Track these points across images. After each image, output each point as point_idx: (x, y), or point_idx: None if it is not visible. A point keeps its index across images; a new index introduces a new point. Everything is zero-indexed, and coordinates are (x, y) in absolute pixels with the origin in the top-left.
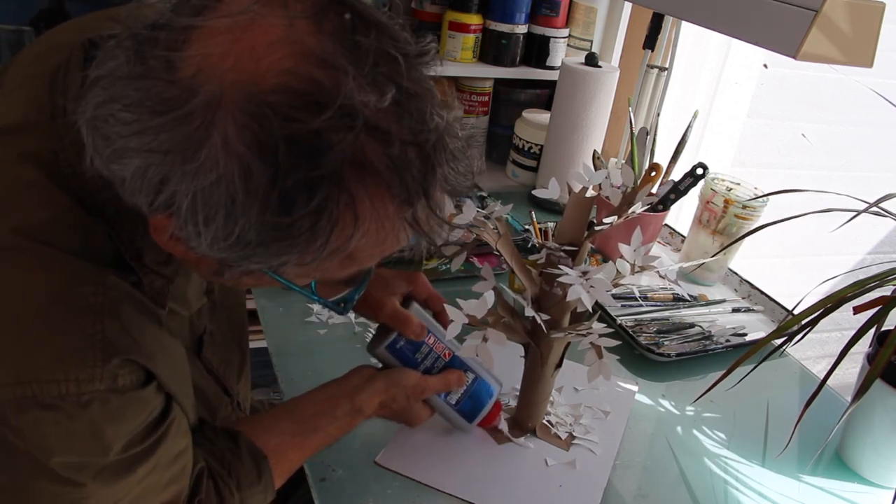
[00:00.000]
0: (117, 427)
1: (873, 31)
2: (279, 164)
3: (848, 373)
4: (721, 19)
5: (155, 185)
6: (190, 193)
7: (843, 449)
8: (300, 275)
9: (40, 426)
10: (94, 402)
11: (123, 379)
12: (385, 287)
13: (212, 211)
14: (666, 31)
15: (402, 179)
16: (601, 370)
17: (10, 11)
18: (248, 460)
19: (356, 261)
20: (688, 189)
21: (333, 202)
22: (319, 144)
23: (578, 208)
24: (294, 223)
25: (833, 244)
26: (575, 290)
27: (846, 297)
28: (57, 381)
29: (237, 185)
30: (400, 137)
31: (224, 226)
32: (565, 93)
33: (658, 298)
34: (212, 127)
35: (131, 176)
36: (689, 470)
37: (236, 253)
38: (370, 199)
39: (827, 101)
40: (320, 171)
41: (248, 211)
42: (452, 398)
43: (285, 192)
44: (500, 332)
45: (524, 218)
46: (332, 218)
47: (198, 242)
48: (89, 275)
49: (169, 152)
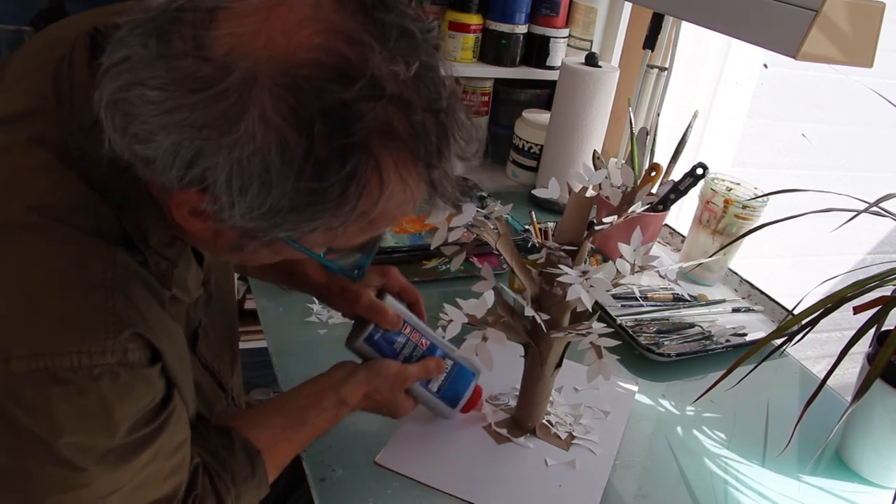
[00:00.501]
0: (125, 405)
1: (873, 31)
2: (314, 135)
3: (848, 373)
4: (721, 19)
5: (187, 161)
6: (227, 166)
7: (843, 449)
8: (320, 243)
9: (52, 402)
10: (104, 375)
11: (133, 354)
12: (361, 280)
13: (247, 182)
14: (666, 31)
15: (423, 144)
16: (601, 370)
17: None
18: (242, 455)
19: (375, 225)
20: (688, 189)
21: (362, 168)
22: (350, 115)
23: (578, 208)
24: (327, 189)
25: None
26: (575, 290)
27: (846, 297)
28: (70, 354)
29: (274, 155)
30: (420, 106)
31: (259, 195)
32: (565, 93)
33: (658, 298)
34: (248, 102)
35: (162, 154)
36: (689, 470)
37: (267, 221)
38: (395, 164)
39: (827, 101)
40: (351, 139)
41: (284, 180)
42: (434, 386)
43: (319, 161)
44: (500, 331)
45: (524, 218)
46: (361, 183)
47: (230, 214)
48: (100, 251)
49: (205, 127)
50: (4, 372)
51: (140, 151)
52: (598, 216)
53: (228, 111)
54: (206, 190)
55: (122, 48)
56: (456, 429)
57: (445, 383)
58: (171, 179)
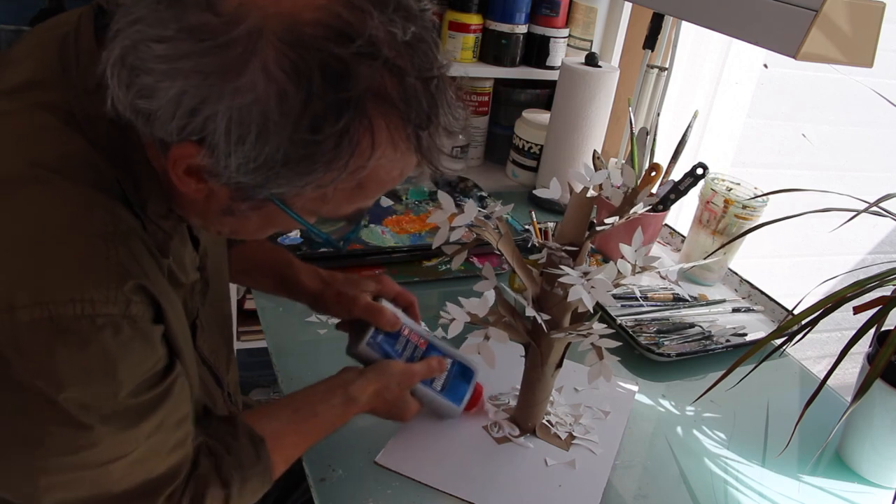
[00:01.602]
0: (128, 362)
1: (873, 31)
2: (312, 89)
3: (848, 373)
4: (721, 19)
5: (190, 110)
6: (227, 115)
7: (843, 449)
8: (309, 208)
9: (54, 352)
10: (107, 326)
11: (136, 307)
12: (356, 286)
13: (245, 131)
14: (666, 31)
15: (414, 109)
16: (602, 371)
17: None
18: (247, 441)
19: (364, 191)
20: (688, 189)
21: (356, 126)
22: (347, 72)
23: (579, 208)
24: (320, 143)
25: (833, 244)
26: (576, 291)
27: (846, 297)
28: (73, 301)
29: (272, 107)
30: (413, 73)
31: (255, 146)
32: (565, 93)
33: (658, 298)
34: (253, 53)
35: (165, 104)
36: (689, 470)
37: (261, 175)
38: (386, 124)
39: (827, 101)
40: (347, 95)
41: (280, 132)
42: (437, 385)
43: (315, 115)
44: (502, 331)
45: (524, 218)
46: (354, 139)
47: (225, 164)
48: (102, 204)
49: (209, 75)
50: (9, 321)
51: (143, 106)
52: (599, 216)
53: (233, 61)
54: (204, 141)
55: (133, 12)
56: (456, 429)
57: (447, 382)
58: (172, 131)
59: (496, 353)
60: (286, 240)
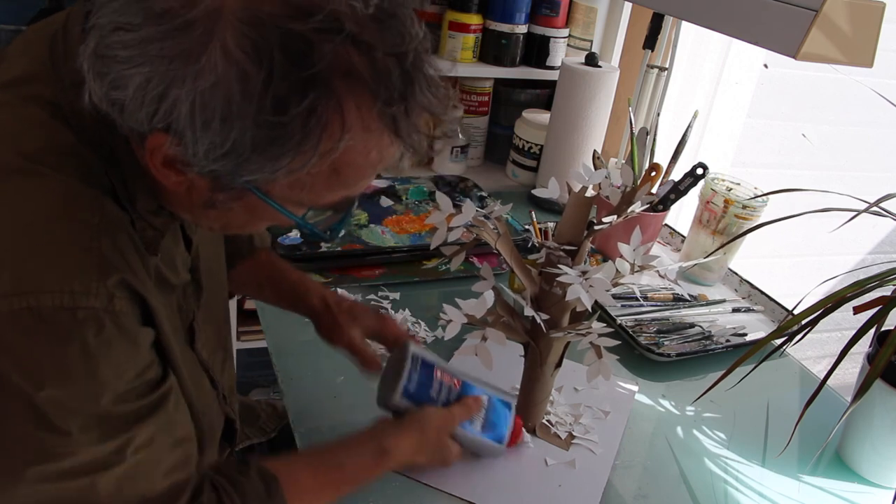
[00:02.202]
0: (110, 363)
1: (873, 31)
2: (273, 69)
3: (848, 373)
4: (721, 19)
5: (157, 97)
6: (189, 99)
7: (843, 449)
8: (288, 196)
9: (35, 345)
10: (88, 321)
11: (119, 302)
12: (352, 319)
13: (209, 115)
14: (666, 31)
15: (384, 85)
16: (601, 370)
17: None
18: (256, 478)
19: (342, 177)
20: (688, 189)
21: (322, 104)
22: (309, 49)
23: (578, 208)
24: (287, 124)
25: (833, 244)
26: (574, 290)
27: (846, 297)
28: (53, 293)
29: (234, 89)
30: (381, 49)
31: (221, 130)
32: (565, 93)
33: (658, 298)
34: (212, 34)
35: (133, 92)
36: (689, 470)
37: (231, 162)
38: (355, 103)
39: (827, 101)
40: (310, 73)
41: (244, 114)
42: (476, 426)
43: (278, 95)
44: (500, 331)
45: (524, 218)
46: (322, 120)
47: (194, 152)
48: (89, 197)
49: (172, 59)
50: None
51: (115, 97)
52: (598, 216)
53: (193, 43)
54: (171, 128)
55: (109, 5)
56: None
57: (487, 420)
58: (142, 120)
59: (495, 352)
60: (286, 239)
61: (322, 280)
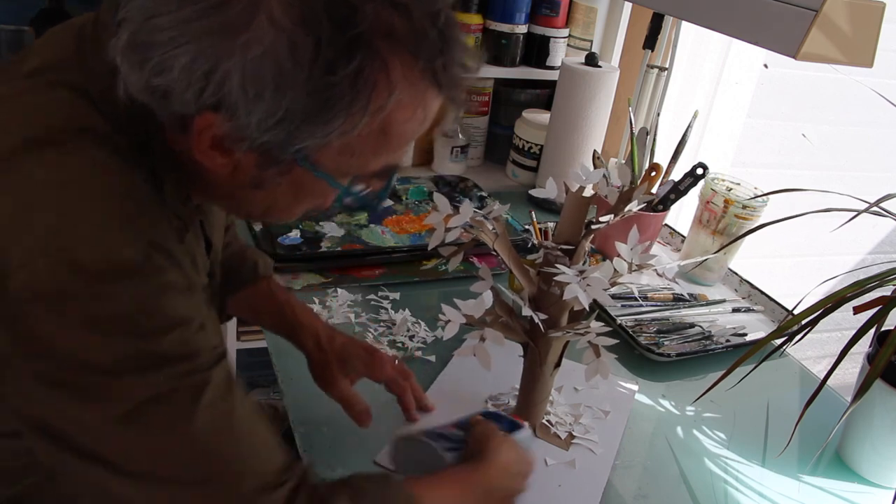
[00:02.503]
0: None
1: (873, 31)
2: (321, 35)
3: (848, 373)
4: (721, 19)
5: (204, 75)
6: (240, 72)
7: (843, 449)
8: (338, 167)
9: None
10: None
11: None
12: (343, 363)
13: (261, 85)
14: (666, 31)
15: (423, 43)
16: (599, 369)
17: (10, 11)
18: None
19: (389, 140)
20: (688, 189)
21: (368, 65)
22: (352, 14)
23: (576, 208)
24: (336, 85)
25: (833, 244)
26: (571, 289)
27: (846, 297)
28: (95, 246)
29: (284, 56)
30: (417, 9)
31: (273, 99)
32: (565, 93)
33: (658, 298)
34: (258, 6)
35: (179, 74)
36: (689, 470)
37: (283, 131)
38: (399, 61)
39: (827, 101)
40: (356, 34)
41: (295, 81)
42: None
43: (327, 60)
44: (499, 331)
45: (524, 218)
46: (370, 80)
47: (246, 124)
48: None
49: (216, 34)
50: (31, 271)
51: (158, 83)
52: (598, 216)
53: (237, 16)
54: (222, 104)
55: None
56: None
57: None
58: (189, 101)
59: (495, 353)
60: (286, 239)
61: (322, 280)
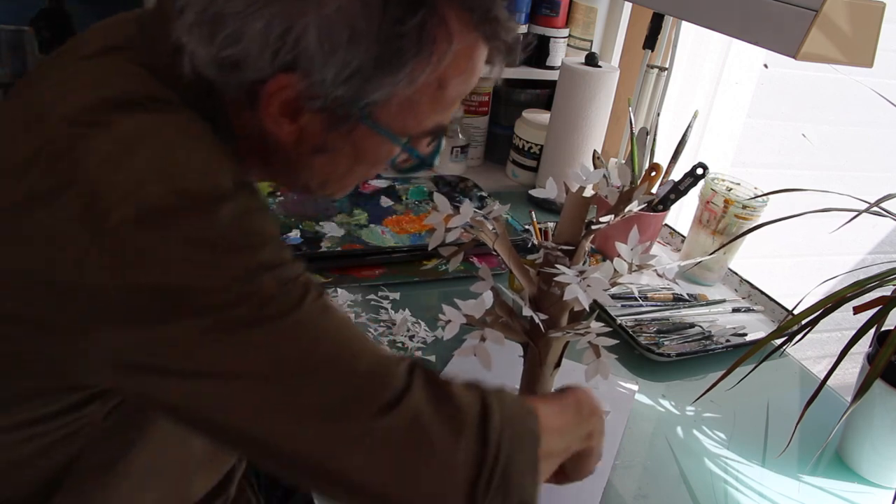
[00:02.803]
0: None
1: (873, 31)
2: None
3: (848, 373)
4: (721, 19)
5: (279, 37)
6: (315, 29)
7: (843, 449)
8: (397, 126)
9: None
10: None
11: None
12: None
13: (336, 39)
14: (666, 31)
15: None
16: (599, 369)
17: (10, 11)
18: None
19: (446, 92)
20: (688, 189)
21: (430, 19)
22: None
23: (576, 208)
24: (404, 36)
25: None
26: (572, 290)
27: (846, 297)
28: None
29: (357, 10)
30: None
31: (347, 52)
32: (565, 93)
33: (658, 298)
34: None
35: (253, 41)
36: (689, 470)
37: (355, 84)
38: (455, 15)
39: (827, 101)
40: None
41: (367, 33)
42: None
43: (394, 14)
44: (499, 331)
45: (524, 218)
46: (432, 32)
47: (321, 79)
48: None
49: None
50: (139, 198)
51: (229, 53)
52: (598, 216)
53: None
54: (298, 62)
55: None
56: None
57: None
58: (265, 65)
59: (495, 353)
60: (286, 239)
61: (322, 280)
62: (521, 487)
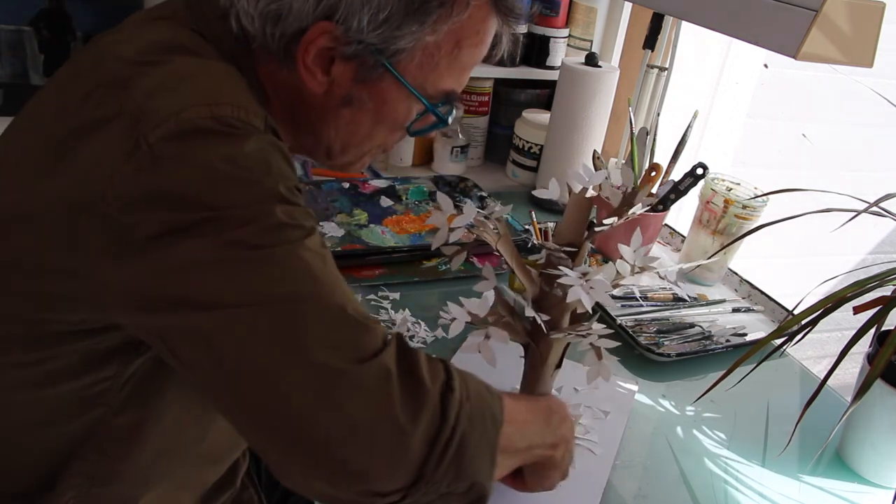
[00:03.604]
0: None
1: (873, 31)
2: None
3: (848, 373)
4: (721, 19)
5: None
6: None
7: (843, 449)
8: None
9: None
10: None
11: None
12: None
13: None
14: (666, 31)
15: None
16: (600, 372)
17: (10, 11)
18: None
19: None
20: (688, 189)
21: None
22: None
23: (578, 209)
24: None
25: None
26: (575, 292)
27: (846, 297)
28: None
29: None
30: None
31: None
32: (565, 93)
33: (658, 298)
34: None
35: None
36: (689, 470)
37: (388, 29)
38: None
39: (827, 101)
40: None
41: None
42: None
43: None
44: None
45: (524, 218)
46: None
47: (358, 25)
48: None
49: None
50: (181, 119)
51: (273, 7)
52: (599, 217)
53: None
54: (336, 11)
55: None
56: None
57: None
58: (307, 14)
59: (495, 353)
60: None
61: None
62: (475, 468)
